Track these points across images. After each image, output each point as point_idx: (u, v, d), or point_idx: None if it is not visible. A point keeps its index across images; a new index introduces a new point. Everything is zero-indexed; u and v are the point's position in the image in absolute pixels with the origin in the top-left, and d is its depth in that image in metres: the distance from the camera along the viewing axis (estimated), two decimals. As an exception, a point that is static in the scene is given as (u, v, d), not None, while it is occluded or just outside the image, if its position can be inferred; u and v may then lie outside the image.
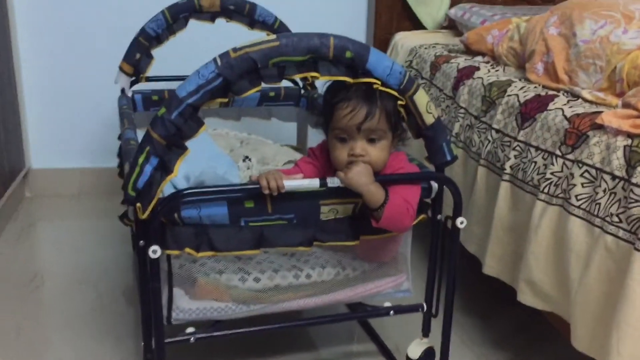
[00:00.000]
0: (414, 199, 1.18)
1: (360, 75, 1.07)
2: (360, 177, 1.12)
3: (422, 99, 1.14)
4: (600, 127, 1.19)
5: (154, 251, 1.06)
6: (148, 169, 1.01)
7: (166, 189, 1.27)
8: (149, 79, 1.84)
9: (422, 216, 1.25)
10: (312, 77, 1.03)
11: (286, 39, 1.00)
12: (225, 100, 1.01)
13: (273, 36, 1.01)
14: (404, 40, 2.28)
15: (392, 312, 1.32)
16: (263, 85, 1.05)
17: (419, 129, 1.20)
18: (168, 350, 1.15)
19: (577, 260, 1.19)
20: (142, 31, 1.76)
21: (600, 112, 1.22)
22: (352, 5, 2.49)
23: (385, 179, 1.16)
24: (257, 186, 1.08)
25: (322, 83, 1.72)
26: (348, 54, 1.03)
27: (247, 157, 1.72)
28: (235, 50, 1.00)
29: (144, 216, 1.03)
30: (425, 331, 1.39)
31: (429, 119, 1.16)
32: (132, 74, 1.79)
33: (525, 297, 1.34)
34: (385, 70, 1.08)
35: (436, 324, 1.37)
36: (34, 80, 2.35)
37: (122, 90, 1.80)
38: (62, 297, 1.77)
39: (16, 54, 2.28)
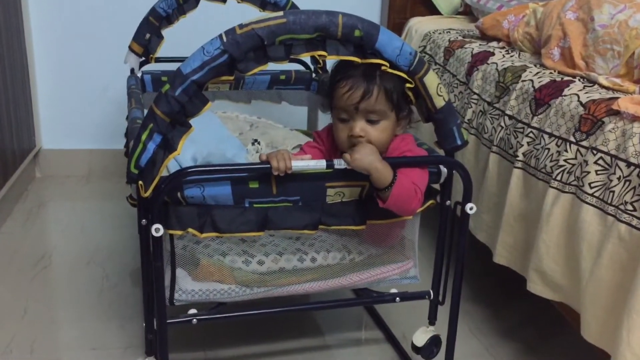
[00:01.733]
0: (422, 182, 1.16)
1: (368, 56, 1.04)
2: (365, 157, 1.10)
3: (432, 81, 1.11)
4: (616, 113, 1.16)
5: (157, 229, 1.04)
6: (151, 146, 0.99)
7: (172, 169, 1.25)
8: (158, 60, 1.82)
9: (430, 202, 1.22)
10: (319, 55, 1.00)
11: (294, 16, 0.98)
12: (231, 78, 0.99)
13: (280, 13, 0.99)
14: (419, 25, 2.24)
15: (397, 298, 1.30)
16: (273, 67, 1.03)
17: (428, 113, 1.17)
18: (171, 332, 1.14)
19: (589, 249, 1.16)
20: (152, 11, 1.74)
21: (616, 98, 1.19)
22: (367, -12, 2.46)
23: (393, 161, 1.14)
24: (267, 166, 1.06)
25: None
26: (357, 33, 1.00)
27: (256, 140, 1.70)
28: (241, 26, 0.98)
29: (147, 194, 1.01)
30: (432, 319, 1.37)
31: (440, 102, 1.13)
32: (141, 54, 1.78)
33: (535, 286, 1.31)
34: (394, 51, 1.05)
35: (444, 313, 1.35)
36: (45, 60, 2.35)
37: (132, 71, 1.79)
38: (69, 277, 1.77)
39: (28, 34, 2.27)
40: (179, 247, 1.14)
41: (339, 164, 1.10)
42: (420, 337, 1.36)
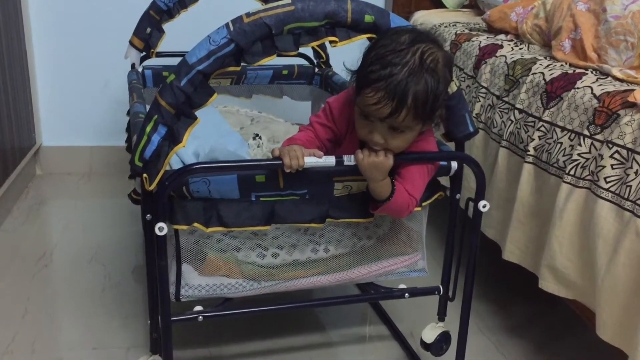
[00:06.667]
0: (419, 191, 1.13)
1: None
2: (375, 170, 1.05)
3: (444, 65, 1.08)
4: (632, 106, 1.13)
5: (161, 228, 1.01)
6: (156, 138, 0.96)
7: (174, 165, 1.22)
8: (159, 54, 1.79)
9: (438, 194, 1.19)
10: (330, 42, 0.97)
11: (302, 3, 0.95)
12: (237, 68, 0.96)
13: (288, 0, 0.96)
14: (424, 19, 2.22)
15: (407, 294, 1.27)
16: (275, 62, 1.00)
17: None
18: (175, 329, 1.11)
19: (604, 246, 1.13)
20: (153, 4, 1.71)
21: (631, 91, 1.16)
22: (370, -18, 2.43)
23: (404, 159, 1.10)
24: (279, 162, 1.02)
25: (337, 61, 1.66)
26: (368, 18, 0.98)
27: (257, 135, 1.67)
28: (248, 15, 0.95)
29: (151, 188, 0.98)
30: (441, 315, 1.34)
31: (452, 87, 1.10)
32: (142, 48, 1.75)
33: (548, 284, 1.28)
34: None
35: (450, 309, 1.33)
36: (45, 56, 2.32)
37: (132, 66, 1.76)
38: (70, 276, 1.74)
39: (27, 29, 2.24)
40: (191, 242, 1.11)
41: (348, 160, 1.07)
42: (430, 334, 1.33)
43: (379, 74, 0.98)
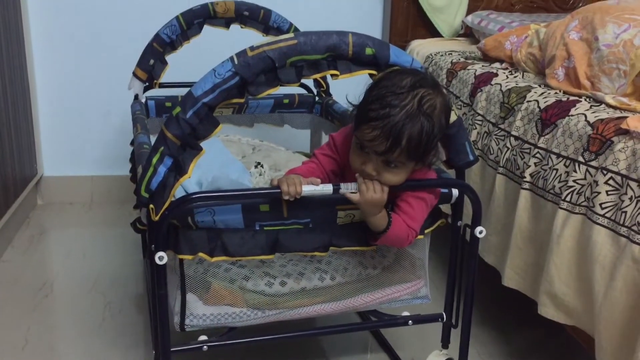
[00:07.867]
0: (419, 222, 1.15)
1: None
2: (370, 205, 1.07)
3: (445, 94, 1.11)
4: (626, 133, 1.16)
5: (161, 257, 1.03)
6: (162, 169, 0.98)
7: (178, 195, 1.24)
8: (162, 85, 1.82)
9: (440, 221, 1.21)
10: (332, 75, 1.00)
11: (304, 37, 0.98)
12: (241, 100, 0.99)
13: (291, 34, 0.99)
14: (420, 47, 2.26)
15: (410, 321, 1.28)
16: (276, 91, 1.03)
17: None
18: (180, 359, 1.12)
19: (601, 272, 1.14)
20: (156, 37, 1.75)
21: (625, 118, 1.19)
22: (367, 12, 2.48)
23: (402, 187, 1.12)
24: (277, 190, 1.05)
25: (337, 90, 1.69)
26: (369, 51, 1.01)
27: (259, 163, 1.69)
28: (252, 48, 0.98)
29: (157, 218, 1.00)
30: (445, 342, 1.34)
31: (452, 116, 1.13)
32: (145, 80, 1.78)
33: (547, 310, 1.29)
34: (407, 64, 1.05)
35: (452, 335, 1.33)
36: (47, 87, 2.35)
37: (136, 96, 1.79)
38: (71, 306, 1.74)
39: (29, 60, 2.28)
40: (199, 271, 1.12)
41: (346, 188, 1.09)
42: (434, 361, 1.34)
43: (377, 113, 1.03)
